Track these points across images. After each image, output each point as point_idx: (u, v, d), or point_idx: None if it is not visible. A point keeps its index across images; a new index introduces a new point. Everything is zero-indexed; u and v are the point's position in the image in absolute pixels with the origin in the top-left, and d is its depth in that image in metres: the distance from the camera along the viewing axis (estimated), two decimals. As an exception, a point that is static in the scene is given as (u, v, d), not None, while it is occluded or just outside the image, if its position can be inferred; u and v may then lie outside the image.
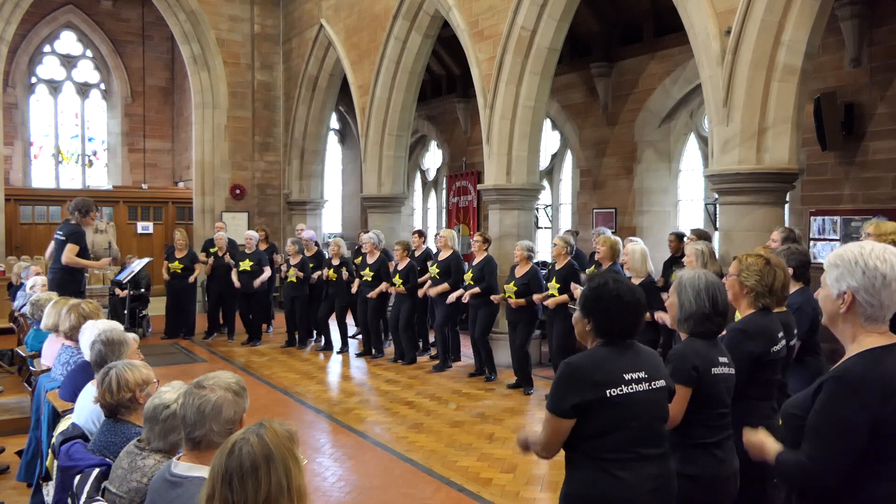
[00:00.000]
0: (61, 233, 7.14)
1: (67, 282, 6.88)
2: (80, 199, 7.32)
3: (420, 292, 8.80)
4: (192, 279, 10.58)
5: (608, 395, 2.38)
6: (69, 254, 6.94)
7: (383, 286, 9.05)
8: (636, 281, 5.97)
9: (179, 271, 10.51)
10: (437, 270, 8.46)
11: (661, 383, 2.51)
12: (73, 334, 4.29)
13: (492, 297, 7.90)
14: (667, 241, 8.92)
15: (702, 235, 7.08)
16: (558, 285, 7.16)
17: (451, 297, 8.22)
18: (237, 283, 10.21)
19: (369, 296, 9.14)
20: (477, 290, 7.91)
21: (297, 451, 1.83)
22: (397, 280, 8.88)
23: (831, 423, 1.97)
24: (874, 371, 1.95)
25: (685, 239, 7.61)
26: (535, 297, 7.41)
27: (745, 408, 2.96)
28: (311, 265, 9.93)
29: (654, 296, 5.66)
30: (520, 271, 7.56)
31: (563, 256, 7.32)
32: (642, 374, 2.45)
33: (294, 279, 9.86)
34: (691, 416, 2.74)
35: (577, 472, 2.46)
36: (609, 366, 2.42)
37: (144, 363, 3.16)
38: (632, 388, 2.42)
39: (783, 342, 3.08)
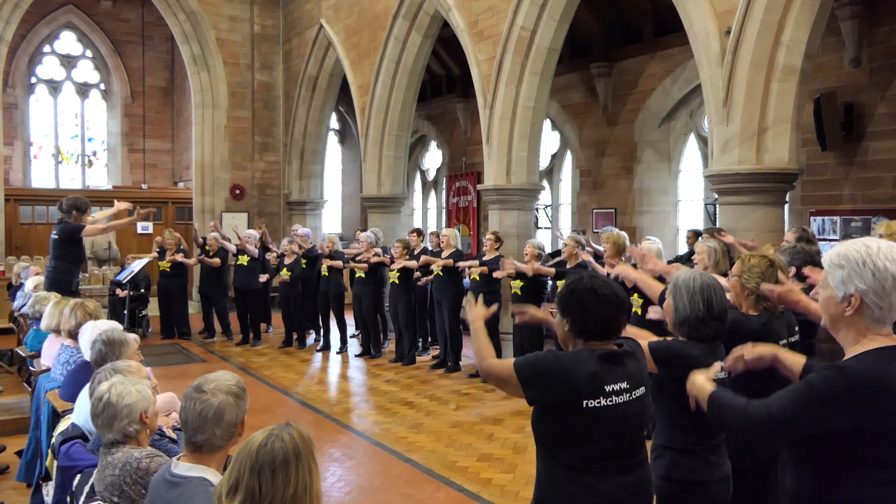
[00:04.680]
0: (55, 233, 7.11)
1: (59, 281, 6.88)
2: (73, 197, 7.17)
3: (418, 262, 8.76)
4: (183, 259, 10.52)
5: (585, 405, 2.26)
6: (89, 229, 6.96)
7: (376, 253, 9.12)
8: None
9: (168, 269, 10.51)
10: (442, 266, 8.44)
11: (642, 391, 2.39)
12: (77, 333, 4.29)
13: (495, 274, 7.78)
14: (667, 240, 8.93)
15: (714, 234, 6.99)
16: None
17: (463, 264, 8.24)
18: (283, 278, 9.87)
19: (366, 259, 9.15)
20: (485, 269, 7.89)
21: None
22: (393, 273, 8.90)
23: (809, 395, 1.90)
24: (878, 370, 1.87)
25: (700, 237, 7.57)
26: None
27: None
28: (303, 262, 9.91)
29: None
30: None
31: (574, 256, 7.16)
32: (624, 385, 2.31)
33: (287, 278, 9.87)
34: (683, 422, 2.65)
35: (549, 478, 2.37)
36: (592, 374, 2.28)
37: (138, 364, 3.15)
38: (611, 401, 2.28)
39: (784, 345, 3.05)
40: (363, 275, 9.16)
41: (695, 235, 8.33)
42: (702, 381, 2.25)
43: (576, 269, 7.13)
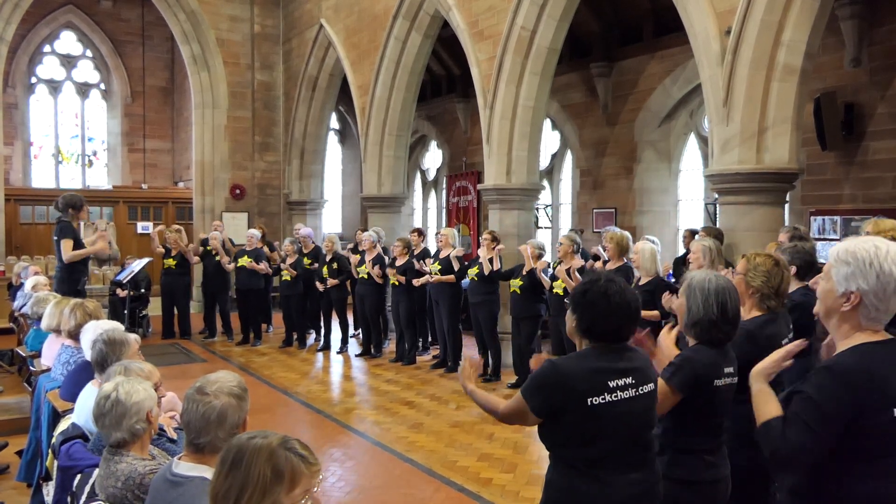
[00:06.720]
0: (56, 235, 7.11)
1: (65, 280, 6.87)
2: (68, 195, 7.12)
3: (416, 282, 8.73)
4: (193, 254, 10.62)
5: (590, 403, 2.29)
6: (66, 251, 6.83)
7: (377, 270, 9.06)
8: (645, 279, 5.91)
9: (174, 266, 10.55)
10: (439, 267, 8.45)
11: (650, 387, 2.41)
12: (76, 333, 4.29)
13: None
14: (667, 240, 8.93)
15: (713, 233, 6.97)
16: (564, 284, 7.12)
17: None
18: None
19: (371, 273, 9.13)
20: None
21: (280, 487, 1.62)
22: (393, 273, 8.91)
23: (815, 412, 1.92)
24: (863, 364, 1.91)
25: (696, 236, 7.54)
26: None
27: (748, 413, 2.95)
28: (307, 262, 9.91)
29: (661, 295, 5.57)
30: (527, 269, 7.57)
31: (570, 255, 7.10)
32: (629, 380, 2.34)
33: (289, 277, 9.87)
34: (689, 423, 2.66)
35: (557, 479, 2.38)
36: (593, 371, 2.32)
37: (152, 367, 3.14)
38: (616, 396, 2.31)
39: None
40: (367, 275, 9.16)
41: (691, 235, 8.32)
42: (761, 393, 2.16)
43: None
